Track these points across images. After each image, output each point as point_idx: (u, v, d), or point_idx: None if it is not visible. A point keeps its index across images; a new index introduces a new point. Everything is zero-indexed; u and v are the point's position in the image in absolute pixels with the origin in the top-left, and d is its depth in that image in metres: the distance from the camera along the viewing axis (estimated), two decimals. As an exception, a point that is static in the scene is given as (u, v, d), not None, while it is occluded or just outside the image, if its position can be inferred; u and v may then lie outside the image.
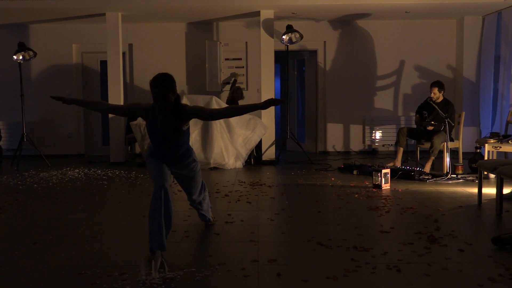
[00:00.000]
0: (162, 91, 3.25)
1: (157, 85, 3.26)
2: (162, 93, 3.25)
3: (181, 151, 3.52)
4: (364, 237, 3.80)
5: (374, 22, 9.20)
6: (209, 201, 4.13)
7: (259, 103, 3.28)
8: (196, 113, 3.43)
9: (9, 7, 7.73)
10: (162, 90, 3.25)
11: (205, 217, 4.11)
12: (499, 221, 4.36)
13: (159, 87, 3.25)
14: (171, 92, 3.28)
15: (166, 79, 3.29)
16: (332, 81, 9.31)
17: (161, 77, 3.29)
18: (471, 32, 8.89)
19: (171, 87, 3.28)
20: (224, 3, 7.73)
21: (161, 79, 3.28)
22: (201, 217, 4.12)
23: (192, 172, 3.67)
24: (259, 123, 7.83)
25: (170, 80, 3.30)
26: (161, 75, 3.30)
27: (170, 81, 3.29)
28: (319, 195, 5.46)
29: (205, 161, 7.44)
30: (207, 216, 4.12)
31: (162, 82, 3.27)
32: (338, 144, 9.38)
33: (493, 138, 6.47)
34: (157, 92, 3.26)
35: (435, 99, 6.92)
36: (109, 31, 8.16)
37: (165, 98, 3.26)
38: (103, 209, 5.03)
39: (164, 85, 3.26)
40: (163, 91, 3.25)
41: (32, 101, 9.11)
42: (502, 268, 3.11)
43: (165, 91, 3.25)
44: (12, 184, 6.38)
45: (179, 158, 3.55)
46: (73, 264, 3.26)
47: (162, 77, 3.29)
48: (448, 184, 6.03)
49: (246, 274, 3.05)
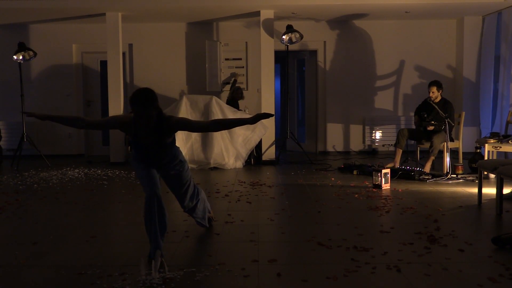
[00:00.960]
0: (143, 109, 3.11)
1: (138, 103, 3.11)
2: (143, 112, 3.12)
3: (166, 159, 3.46)
4: (364, 237, 3.80)
5: (374, 22, 9.20)
6: (206, 208, 3.96)
7: (248, 118, 3.25)
8: (181, 126, 3.34)
9: (9, 7, 7.73)
10: (144, 109, 3.11)
11: (201, 224, 3.99)
12: (499, 221, 4.36)
13: (140, 105, 3.11)
14: (153, 109, 3.15)
15: (147, 97, 3.13)
16: (332, 81, 9.31)
17: (142, 95, 3.13)
18: (471, 32, 8.89)
19: (152, 105, 3.14)
20: (224, 3, 7.73)
21: (142, 97, 3.12)
22: (199, 224, 4.01)
23: (178, 171, 3.54)
24: (259, 123, 7.82)
25: (151, 97, 3.15)
26: (141, 92, 3.15)
27: (151, 98, 3.14)
28: (319, 195, 5.46)
29: (205, 161, 7.44)
30: (204, 224, 3.97)
31: (143, 100, 3.11)
32: (338, 144, 9.38)
33: (493, 138, 6.47)
34: (138, 110, 3.12)
35: (434, 98, 6.91)
36: (109, 31, 8.16)
37: (147, 116, 3.15)
38: (103, 209, 5.03)
39: (145, 103, 3.11)
40: (145, 109, 3.11)
41: (32, 101, 9.11)
42: (502, 268, 3.11)
43: (147, 109, 3.12)
44: (12, 184, 6.38)
45: (166, 163, 3.48)
46: (73, 264, 3.26)
47: (143, 95, 3.13)
48: (448, 184, 6.03)
49: (246, 274, 3.05)
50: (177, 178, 3.57)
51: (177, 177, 3.57)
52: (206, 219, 3.97)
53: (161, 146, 3.34)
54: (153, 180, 3.40)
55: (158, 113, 3.22)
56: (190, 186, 3.67)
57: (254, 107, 8.99)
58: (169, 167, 3.51)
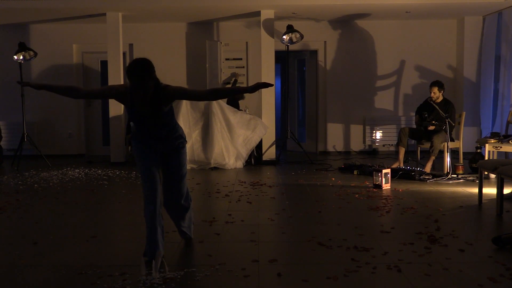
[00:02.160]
0: (140, 81, 3.04)
1: (135, 75, 3.03)
2: (140, 83, 3.05)
3: (165, 130, 3.33)
4: (364, 237, 3.79)
5: (374, 22, 9.19)
6: (191, 217, 3.71)
7: (247, 86, 3.17)
8: (179, 94, 3.24)
9: (10, 7, 7.73)
10: (141, 80, 3.04)
11: (185, 234, 3.67)
12: (500, 221, 4.36)
13: (137, 77, 3.03)
14: (150, 80, 3.06)
15: (144, 68, 3.04)
16: (332, 81, 9.31)
17: (138, 66, 3.05)
18: (472, 32, 8.89)
19: (149, 75, 3.05)
20: (224, 3, 7.73)
21: (139, 69, 3.03)
22: (182, 234, 3.68)
23: (178, 147, 3.40)
24: (259, 123, 7.83)
25: (148, 68, 3.05)
26: (138, 63, 3.06)
27: (148, 69, 3.05)
28: (319, 195, 5.46)
29: (206, 161, 7.44)
30: (188, 233, 3.68)
31: (140, 71, 3.02)
32: (338, 144, 9.38)
33: (493, 138, 6.46)
34: (135, 82, 3.04)
35: (435, 99, 6.91)
36: (109, 31, 8.16)
37: (144, 87, 3.07)
38: (104, 209, 5.03)
39: (142, 74, 3.02)
40: (142, 81, 3.04)
41: (33, 101, 9.11)
42: (503, 268, 3.11)
43: (144, 80, 3.04)
44: (12, 184, 6.38)
45: (165, 136, 3.35)
46: (74, 264, 3.26)
47: (140, 66, 3.05)
48: (448, 184, 6.03)
49: (247, 274, 3.05)
50: (177, 157, 3.41)
51: (176, 157, 3.41)
52: (191, 229, 3.70)
53: (158, 116, 3.23)
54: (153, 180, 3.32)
55: (155, 83, 3.13)
56: (185, 177, 3.51)
57: (255, 107, 8.99)
58: (168, 141, 3.37)
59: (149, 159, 3.36)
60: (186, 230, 3.65)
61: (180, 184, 3.47)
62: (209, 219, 4.40)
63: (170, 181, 3.46)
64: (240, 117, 7.71)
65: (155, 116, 3.23)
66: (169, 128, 3.36)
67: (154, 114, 3.22)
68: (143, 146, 3.37)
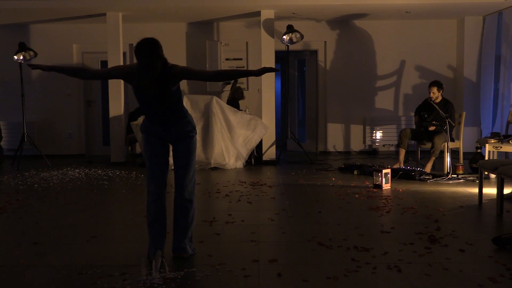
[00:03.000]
0: (148, 60, 3.03)
1: (143, 54, 3.03)
2: (148, 63, 3.04)
3: (173, 112, 3.28)
4: (364, 237, 3.79)
5: (374, 22, 9.19)
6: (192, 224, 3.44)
7: (253, 70, 3.11)
8: (185, 74, 3.27)
9: (10, 7, 7.73)
10: (149, 59, 3.03)
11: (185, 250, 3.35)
12: (500, 221, 4.36)
13: (145, 57, 3.03)
14: (158, 59, 3.06)
15: (151, 47, 3.04)
16: (332, 81, 9.31)
17: (146, 45, 3.04)
18: (472, 32, 8.89)
19: (157, 55, 3.05)
20: (224, 3, 7.73)
21: (147, 47, 3.04)
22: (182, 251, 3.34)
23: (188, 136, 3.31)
24: (259, 123, 7.83)
25: (156, 47, 3.06)
26: (147, 42, 3.05)
27: (156, 48, 3.05)
28: (319, 195, 5.46)
29: (206, 161, 7.44)
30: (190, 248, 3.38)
31: (148, 50, 3.03)
32: (338, 144, 9.38)
33: (493, 138, 6.46)
34: (143, 61, 3.04)
35: (434, 99, 6.91)
36: (109, 31, 8.16)
37: (152, 67, 3.06)
38: (104, 209, 5.03)
39: (150, 54, 3.03)
40: (150, 60, 3.03)
41: (33, 101, 9.11)
42: (503, 268, 3.11)
43: (152, 59, 3.04)
44: (12, 184, 6.38)
45: (173, 119, 3.30)
46: (74, 264, 3.26)
47: (148, 45, 3.05)
48: (448, 184, 6.03)
49: (247, 274, 3.05)
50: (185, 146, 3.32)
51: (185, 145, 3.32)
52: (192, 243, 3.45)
53: (165, 96, 3.19)
54: (157, 179, 3.31)
55: (163, 63, 3.13)
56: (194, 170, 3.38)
57: (255, 107, 9.00)
58: (177, 127, 3.30)
59: (156, 156, 3.33)
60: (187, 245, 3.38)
61: (188, 173, 3.34)
62: (209, 219, 4.40)
63: (178, 168, 3.36)
64: (240, 117, 7.71)
65: (162, 96, 3.19)
66: (177, 111, 3.30)
67: (161, 94, 3.18)
68: (152, 139, 3.33)
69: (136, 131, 7.61)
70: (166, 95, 3.20)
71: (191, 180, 3.37)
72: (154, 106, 3.25)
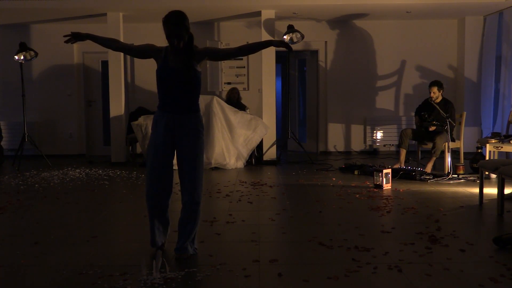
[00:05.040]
0: (175, 28, 3.20)
1: (171, 22, 3.21)
2: (175, 31, 3.20)
3: (190, 99, 3.32)
4: (365, 237, 3.79)
5: (375, 22, 9.19)
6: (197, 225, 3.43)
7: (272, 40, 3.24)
8: (208, 53, 3.39)
9: (11, 7, 7.74)
10: (176, 28, 3.20)
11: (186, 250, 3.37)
12: (500, 221, 4.36)
13: (172, 24, 3.20)
14: (184, 30, 3.22)
15: (179, 17, 3.23)
16: (333, 81, 9.31)
17: (174, 15, 3.24)
18: (473, 32, 8.89)
19: (184, 25, 3.22)
20: (225, 3, 7.74)
21: (174, 17, 3.23)
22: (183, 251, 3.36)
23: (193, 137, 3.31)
24: (260, 123, 7.83)
25: (183, 18, 3.25)
26: (174, 12, 3.25)
27: (183, 18, 3.24)
28: (320, 195, 5.46)
29: (206, 161, 7.43)
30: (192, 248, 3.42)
31: (175, 19, 3.22)
32: (339, 144, 9.38)
33: (494, 138, 6.46)
34: (171, 29, 3.21)
35: (435, 98, 6.91)
36: (110, 31, 8.15)
37: (178, 35, 3.21)
38: (104, 209, 5.03)
39: (177, 22, 3.21)
40: (177, 28, 3.20)
41: (34, 101, 9.12)
42: (504, 268, 3.11)
43: (179, 28, 3.20)
44: (13, 184, 6.39)
45: (187, 109, 3.31)
46: (74, 264, 3.26)
47: (176, 15, 3.24)
48: (449, 184, 6.02)
49: (247, 274, 3.05)
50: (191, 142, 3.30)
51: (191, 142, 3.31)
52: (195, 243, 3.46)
53: (189, 73, 3.26)
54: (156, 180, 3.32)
55: (189, 36, 3.27)
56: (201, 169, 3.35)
57: (256, 107, 9.00)
58: (187, 119, 3.31)
59: (160, 157, 3.33)
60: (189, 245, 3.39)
61: (195, 173, 3.31)
62: (210, 219, 4.40)
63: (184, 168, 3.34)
64: (241, 117, 7.71)
65: (186, 73, 3.26)
66: (194, 99, 3.35)
67: (186, 69, 3.26)
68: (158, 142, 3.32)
69: (137, 131, 7.62)
70: (190, 72, 3.27)
71: (200, 182, 3.35)
72: (175, 87, 3.28)
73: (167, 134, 3.31)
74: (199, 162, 3.33)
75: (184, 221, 3.38)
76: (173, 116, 3.30)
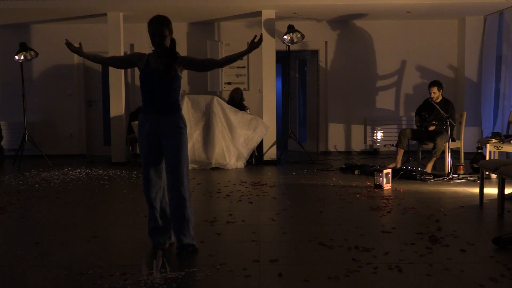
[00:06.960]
0: (158, 27, 3.41)
1: (155, 21, 3.43)
2: (159, 30, 3.41)
3: (171, 99, 3.47)
4: (365, 237, 3.79)
5: (375, 22, 9.19)
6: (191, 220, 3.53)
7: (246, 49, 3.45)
8: (188, 62, 3.54)
9: (11, 7, 7.74)
10: (159, 26, 3.41)
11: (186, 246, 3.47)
12: (501, 221, 4.36)
13: (156, 23, 3.42)
14: (167, 30, 3.44)
15: (163, 17, 3.47)
16: (333, 81, 9.31)
17: (158, 16, 3.48)
18: (473, 32, 8.88)
19: (167, 25, 3.44)
20: (225, 3, 7.74)
21: (158, 17, 3.46)
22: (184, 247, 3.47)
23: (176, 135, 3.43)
24: (260, 123, 7.83)
25: (167, 20, 3.47)
26: (159, 15, 3.48)
27: (167, 21, 3.47)
28: (320, 195, 5.46)
29: (207, 161, 7.44)
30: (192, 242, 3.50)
31: (159, 19, 3.44)
32: (339, 144, 9.38)
33: (494, 138, 6.45)
34: (154, 28, 3.42)
35: (435, 98, 6.91)
36: (110, 31, 8.17)
37: (161, 35, 3.41)
38: (105, 209, 5.03)
39: (161, 21, 3.43)
40: (160, 27, 3.41)
41: (34, 101, 9.13)
42: (504, 268, 3.10)
43: (162, 27, 3.41)
44: (13, 184, 6.39)
45: (169, 109, 3.46)
46: (75, 264, 3.26)
47: (160, 16, 3.48)
48: (449, 184, 6.02)
49: (248, 274, 3.05)
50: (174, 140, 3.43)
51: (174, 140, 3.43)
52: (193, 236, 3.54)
53: (169, 73, 3.43)
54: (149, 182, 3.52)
55: (171, 41, 3.50)
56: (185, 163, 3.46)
57: (256, 107, 9.00)
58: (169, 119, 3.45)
59: (149, 158, 3.53)
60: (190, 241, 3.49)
61: (179, 169, 3.43)
62: (210, 219, 4.40)
63: (169, 164, 3.46)
64: (241, 117, 7.71)
65: (167, 74, 3.42)
66: (175, 100, 3.50)
67: (167, 68, 3.43)
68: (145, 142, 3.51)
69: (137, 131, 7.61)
70: (171, 72, 3.43)
71: (186, 177, 3.47)
72: (157, 88, 3.44)
73: (152, 138, 3.50)
74: (183, 158, 3.46)
75: (173, 217, 3.51)
76: (155, 117, 3.47)
